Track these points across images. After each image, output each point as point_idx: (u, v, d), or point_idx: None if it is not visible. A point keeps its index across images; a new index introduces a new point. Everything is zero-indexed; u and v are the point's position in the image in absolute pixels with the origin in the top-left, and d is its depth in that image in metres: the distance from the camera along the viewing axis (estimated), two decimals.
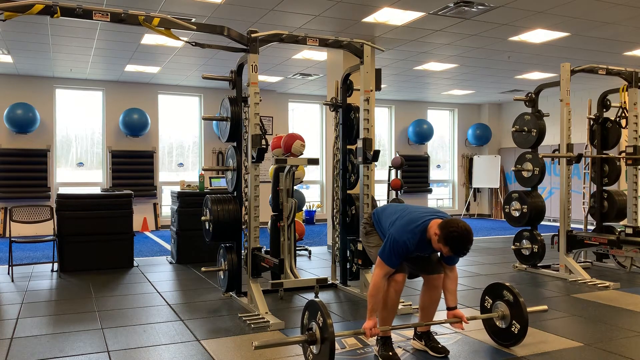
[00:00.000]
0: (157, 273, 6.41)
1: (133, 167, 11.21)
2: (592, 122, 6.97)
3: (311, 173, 12.20)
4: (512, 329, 3.51)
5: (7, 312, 4.60)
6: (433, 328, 3.70)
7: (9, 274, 6.07)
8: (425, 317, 3.61)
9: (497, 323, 3.63)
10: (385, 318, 3.41)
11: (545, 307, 3.94)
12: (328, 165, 10.83)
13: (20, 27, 6.95)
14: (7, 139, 10.18)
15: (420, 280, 3.62)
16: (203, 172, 7.81)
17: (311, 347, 3.13)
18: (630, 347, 3.69)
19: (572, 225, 6.27)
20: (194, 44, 4.61)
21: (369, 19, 6.79)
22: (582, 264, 6.56)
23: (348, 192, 5.51)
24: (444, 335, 3.91)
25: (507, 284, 3.59)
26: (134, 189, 8.55)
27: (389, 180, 9.36)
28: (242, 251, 4.93)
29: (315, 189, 13.18)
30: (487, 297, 3.70)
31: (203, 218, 4.98)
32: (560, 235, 6.20)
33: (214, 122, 11.07)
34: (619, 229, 6.50)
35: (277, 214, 5.59)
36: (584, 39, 7.65)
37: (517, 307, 3.50)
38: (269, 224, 5.65)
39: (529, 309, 3.48)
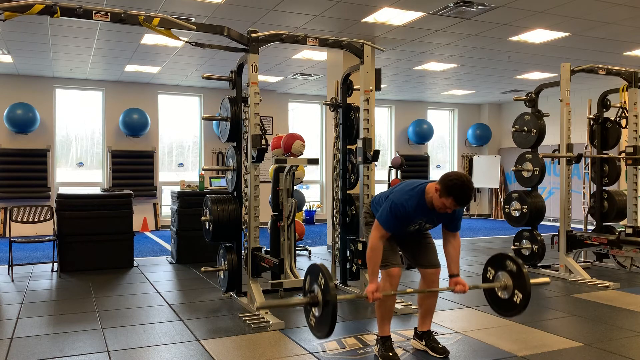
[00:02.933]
0: (157, 273, 6.41)
1: (133, 167, 11.21)
2: (592, 122, 6.97)
3: (311, 173, 12.20)
4: (515, 299, 3.43)
5: (7, 312, 4.60)
6: (433, 328, 3.69)
7: (9, 274, 6.07)
8: (424, 314, 3.60)
9: (499, 294, 3.55)
10: (383, 315, 3.41)
11: (547, 279, 3.88)
12: (328, 165, 10.82)
13: (20, 27, 6.95)
14: (7, 139, 10.18)
15: (418, 280, 3.61)
16: (203, 172, 7.81)
17: (313, 309, 3.12)
18: (630, 347, 3.69)
19: (572, 225, 6.27)
20: (194, 44, 4.61)
21: (369, 19, 6.79)
22: (582, 264, 6.56)
23: (348, 192, 5.51)
24: (444, 335, 3.91)
25: (510, 254, 3.55)
26: (134, 189, 8.55)
27: (389, 180, 9.35)
28: (242, 251, 4.93)
29: (315, 189, 13.18)
30: (489, 268, 3.63)
31: (203, 218, 4.98)
32: (560, 235, 6.20)
33: (214, 122, 11.07)
34: (619, 229, 6.50)
35: (277, 214, 5.58)
36: (584, 39, 7.65)
37: (519, 277, 3.43)
38: (269, 224, 5.64)
39: (531, 281, 3.44)
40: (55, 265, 6.30)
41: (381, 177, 11.99)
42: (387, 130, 13.83)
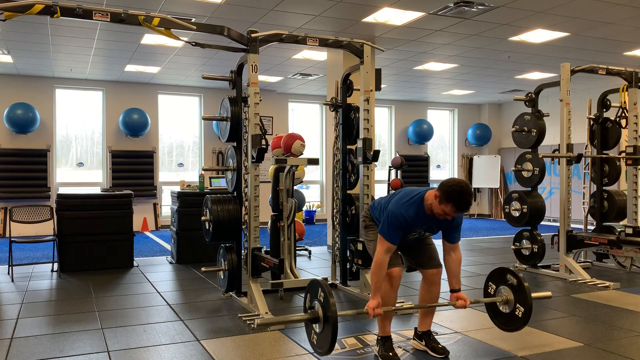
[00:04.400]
0: (157, 273, 6.41)
1: (133, 167, 11.21)
2: (592, 122, 6.97)
3: (311, 173, 12.20)
4: (516, 312, 3.45)
5: (7, 312, 4.60)
6: (433, 328, 3.69)
7: (9, 274, 6.07)
8: (425, 314, 3.60)
9: (501, 308, 3.56)
10: (384, 315, 3.41)
11: (549, 293, 3.91)
12: (328, 165, 10.82)
13: (20, 27, 6.95)
14: (7, 139, 10.18)
15: (419, 280, 3.61)
16: (203, 172, 7.81)
17: (314, 325, 3.12)
18: (630, 347, 3.69)
19: (572, 225, 6.27)
20: (194, 44, 4.61)
21: (369, 19, 6.79)
22: (582, 264, 6.56)
23: (348, 192, 5.51)
24: (444, 335, 3.91)
25: (510, 268, 3.56)
26: (134, 189, 8.55)
27: (389, 180, 9.37)
28: (242, 251, 4.93)
29: (315, 189, 13.17)
30: (490, 282, 3.65)
31: (203, 218, 4.98)
32: (560, 235, 6.20)
33: (214, 122, 11.07)
34: (619, 229, 6.50)
35: (277, 214, 5.58)
36: (584, 39, 7.65)
37: (521, 290, 3.44)
38: (269, 224, 5.65)
39: (533, 294, 3.45)
40: (55, 265, 6.30)
41: (381, 177, 11.99)
42: (387, 130, 13.83)
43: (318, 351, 3.13)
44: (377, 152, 4.97)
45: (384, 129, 13.78)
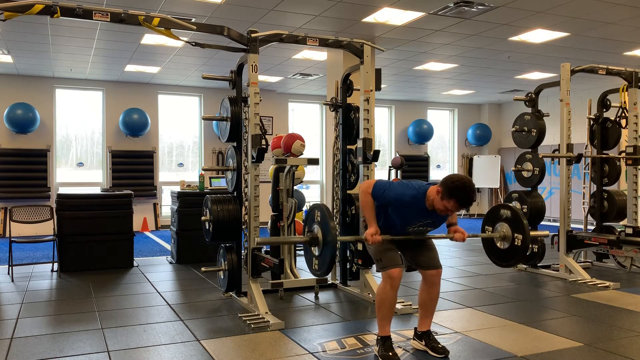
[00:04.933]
0: (157, 273, 6.41)
1: (133, 167, 11.21)
2: (592, 122, 6.97)
3: (311, 173, 12.19)
4: (516, 242, 3.42)
5: (7, 312, 4.60)
6: (433, 328, 3.69)
7: (9, 274, 6.07)
8: (425, 314, 3.60)
9: (499, 244, 3.54)
10: (383, 315, 3.41)
11: (546, 232, 3.93)
12: (328, 165, 10.82)
13: (20, 27, 6.95)
14: (7, 139, 10.18)
15: (419, 280, 3.61)
16: (203, 172, 7.81)
17: (313, 248, 3.13)
18: (630, 347, 3.69)
19: (572, 225, 6.27)
20: (194, 44, 4.61)
21: (369, 19, 6.79)
22: (582, 264, 6.56)
23: (348, 192, 5.51)
24: (444, 335, 3.91)
25: (501, 204, 3.56)
26: (134, 189, 8.55)
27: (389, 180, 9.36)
28: (242, 251, 4.93)
29: (315, 189, 13.17)
30: (486, 226, 3.63)
31: (203, 218, 4.98)
32: (560, 235, 6.20)
33: (214, 122, 11.07)
34: (619, 229, 6.49)
35: (277, 214, 5.58)
36: (584, 39, 7.65)
37: (516, 219, 3.43)
38: (269, 224, 5.64)
39: (532, 233, 3.44)
40: (55, 265, 6.30)
41: (381, 177, 11.98)
42: (387, 130, 13.83)
43: (316, 272, 3.14)
44: (377, 152, 4.96)
45: (384, 129, 13.78)
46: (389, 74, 10.10)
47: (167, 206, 10.66)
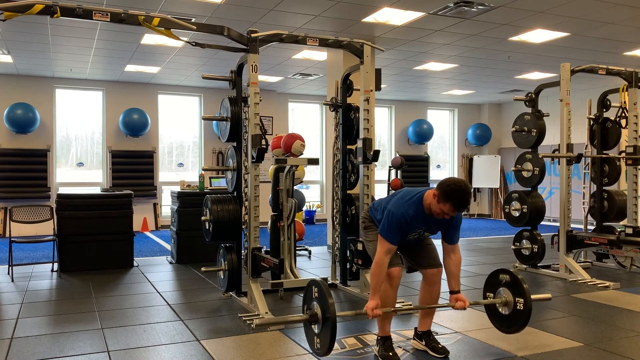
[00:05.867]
0: (157, 273, 6.41)
1: (133, 167, 11.21)
2: (592, 122, 6.97)
3: (311, 173, 12.20)
4: (518, 307, 3.43)
5: (7, 312, 4.60)
6: (433, 328, 3.69)
7: (9, 274, 6.07)
8: (425, 314, 3.60)
9: (501, 310, 3.55)
10: (384, 315, 3.41)
11: (549, 295, 3.93)
12: (328, 165, 10.82)
13: (20, 27, 6.95)
14: (7, 139, 10.18)
15: (419, 280, 3.61)
16: (203, 172, 7.81)
17: (313, 326, 3.12)
18: (630, 347, 3.69)
19: (572, 225, 6.27)
20: (194, 44, 4.61)
21: (369, 19, 6.79)
22: (582, 264, 6.56)
23: (348, 192, 5.51)
24: (444, 335, 3.91)
25: (500, 268, 3.55)
26: (134, 189, 8.54)
27: (389, 180, 9.36)
28: (242, 251, 4.93)
29: (315, 189, 13.17)
30: (487, 293, 3.65)
31: (203, 218, 4.98)
32: (560, 235, 6.20)
33: (214, 122, 11.07)
34: (619, 229, 6.50)
35: (277, 214, 5.58)
36: (584, 39, 7.65)
37: (515, 284, 3.43)
38: (269, 224, 5.65)
39: (532, 297, 3.43)
40: (55, 265, 6.30)
41: (381, 177, 11.99)
42: (387, 130, 13.83)
43: (317, 352, 3.14)
44: (377, 152, 4.97)
45: (384, 129, 13.78)
46: (389, 74, 10.10)
47: (167, 206, 10.66)
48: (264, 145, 4.50)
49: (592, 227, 7.28)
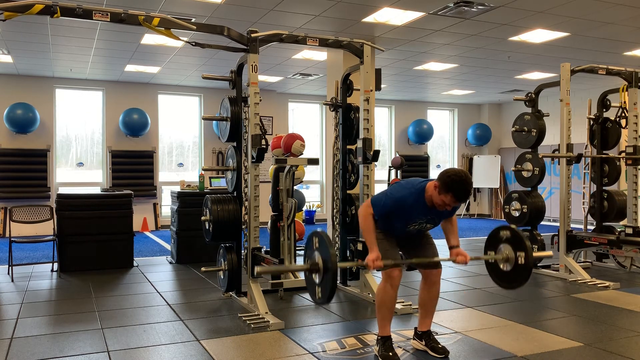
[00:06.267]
0: (157, 273, 6.41)
1: (133, 167, 11.21)
2: (592, 122, 6.97)
3: (311, 173, 12.20)
4: (519, 261, 3.39)
5: (7, 312, 4.60)
6: (433, 328, 3.69)
7: (9, 274, 6.07)
8: (425, 314, 3.60)
9: (502, 266, 3.51)
10: (383, 315, 3.41)
11: (550, 252, 3.91)
12: (328, 165, 10.82)
13: (20, 27, 6.95)
14: (7, 139, 10.18)
15: (419, 280, 3.61)
16: (203, 172, 7.81)
17: (314, 275, 3.12)
18: (630, 347, 3.69)
19: (572, 225, 6.27)
20: (194, 44, 4.61)
21: (369, 19, 6.79)
22: (582, 264, 6.56)
23: (348, 192, 5.51)
24: (444, 335, 3.91)
25: (500, 225, 3.52)
26: (134, 189, 8.54)
27: (389, 180, 9.37)
28: (242, 251, 4.93)
29: (315, 189, 13.17)
30: (488, 251, 3.60)
31: (203, 218, 4.98)
32: (560, 235, 6.20)
33: (214, 122, 11.07)
34: (619, 229, 6.50)
35: (277, 214, 5.59)
36: (584, 39, 7.65)
37: (516, 239, 3.38)
38: (269, 224, 5.65)
39: (535, 254, 3.40)
40: (55, 265, 6.30)
41: (381, 177, 11.99)
42: (387, 130, 13.83)
43: (318, 301, 3.13)
44: (377, 152, 4.97)
45: (384, 129, 13.78)
46: (389, 74, 10.10)
47: (167, 206, 10.66)
48: (264, 145, 4.51)
49: (592, 227, 7.28)
